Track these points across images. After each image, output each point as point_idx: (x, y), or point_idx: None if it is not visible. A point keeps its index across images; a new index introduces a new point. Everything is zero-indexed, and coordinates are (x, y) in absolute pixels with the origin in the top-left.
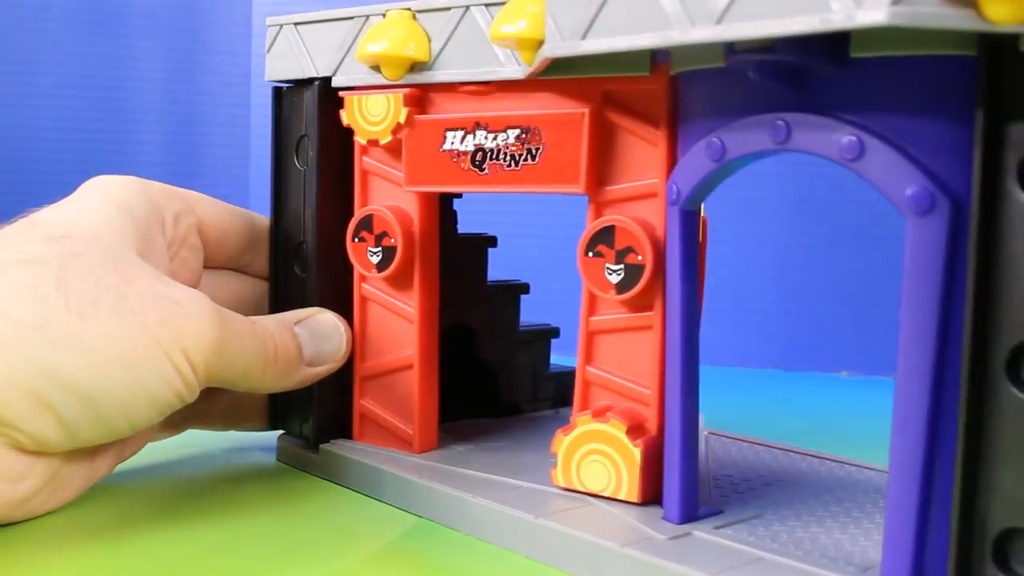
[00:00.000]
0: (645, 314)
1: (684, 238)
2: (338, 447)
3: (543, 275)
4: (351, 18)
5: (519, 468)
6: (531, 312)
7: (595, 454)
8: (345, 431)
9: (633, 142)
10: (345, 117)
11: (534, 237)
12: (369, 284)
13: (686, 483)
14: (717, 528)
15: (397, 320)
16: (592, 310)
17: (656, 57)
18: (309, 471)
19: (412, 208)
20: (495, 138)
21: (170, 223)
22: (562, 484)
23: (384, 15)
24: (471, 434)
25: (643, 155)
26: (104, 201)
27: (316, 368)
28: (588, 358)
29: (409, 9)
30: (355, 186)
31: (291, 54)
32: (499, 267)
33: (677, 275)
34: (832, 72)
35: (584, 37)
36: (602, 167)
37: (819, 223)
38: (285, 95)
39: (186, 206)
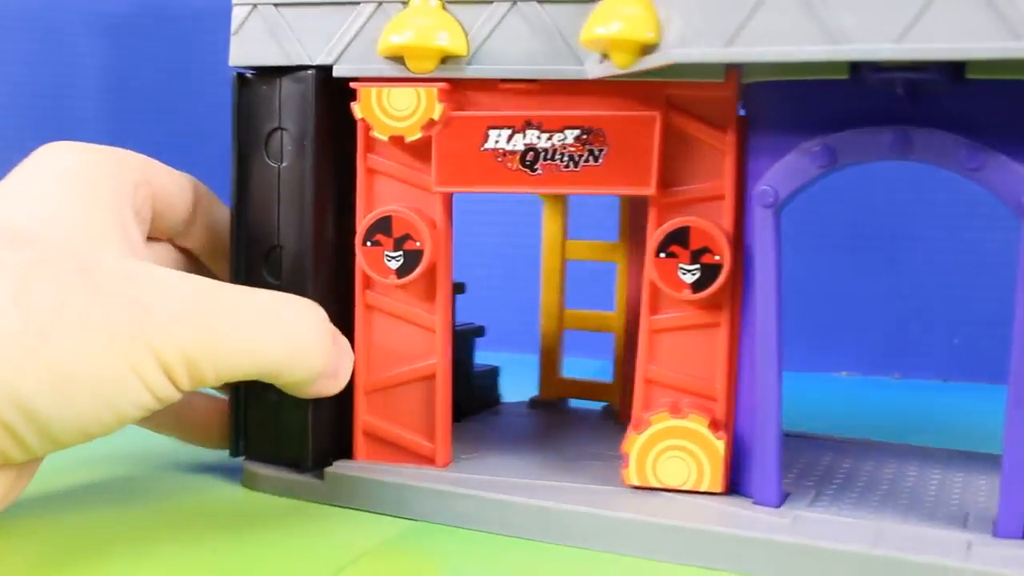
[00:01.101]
0: (711, 312)
1: (777, 239)
2: (347, 469)
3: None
4: (356, 3)
5: (560, 470)
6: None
7: (674, 450)
8: (339, 451)
9: (699, 146)
10: (359, 111)
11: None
12: (377, 292)
13: (779, 469)
14: (810, 506)
15: (409, 329)
16: (654, 309)
17: (730, 65)
18: (307, 498)
19: (433, 209)
20: (550, 138)
21: (132, 192)
22: (636, 482)
23: (405, 3)
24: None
25: (710, 159)
26: (69, 186)
27: (330, 383)
28: (650, 357)
29: None
30: (358, 186)
31: (267, 38)
32: None
33: (773, 275)
34: (945, 90)
35: (731, 44)
36: (665, 169)
37: (819, 224)
38: (252, 83)
39: (143, 176)
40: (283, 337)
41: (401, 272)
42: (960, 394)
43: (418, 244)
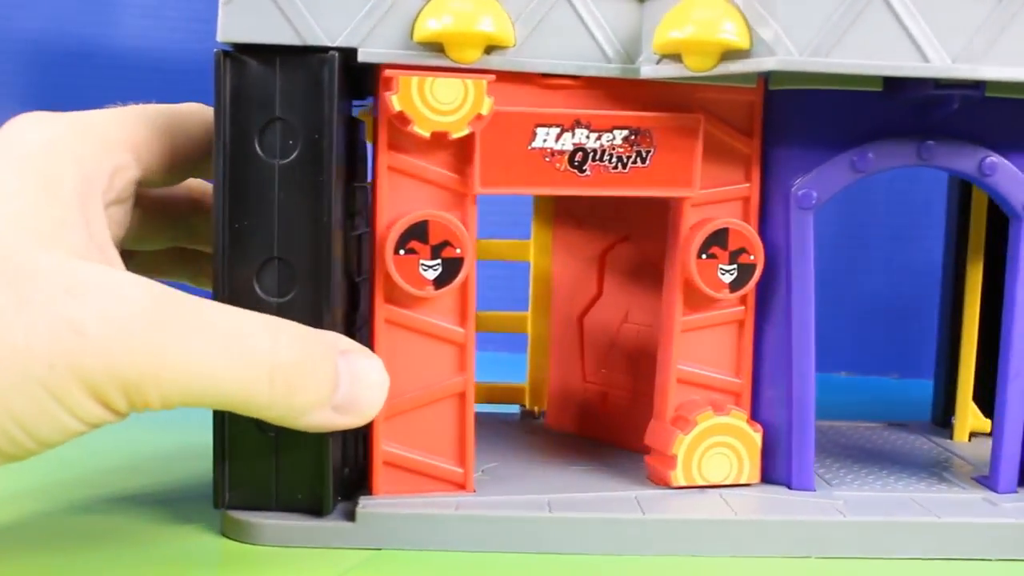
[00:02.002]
0: (737, 309)
1: (812, 240)
2: (378, 507)
3: None
4: None
5: (579, 479)
6: None
7: (718, 447)
8: (352, 488)
9: (726, 148)
10: (398, 102)
11: None
12: (399, 306)
13: (813, 456)
14: (843, 487)
15: (432, 345)
16: (685, 309)
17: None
18: (329, 546)
19: (464, 214)
20: (599, 138)
21: (108, 183)
22: (682, 483)
23: None
24: None
25: (735, 161)
26: (27, 174)
27: (339, 417)
28: (681, 356)
29: None
30: (378, 188)
31: (271, 11)
32: None
33: (810, 274)
34: (960, 105)
35: (828, 55)
36: None
37: (819, 225)
38: (241, 64)
39: (125, 156)
40: (246, 364)
41: (439, 282)
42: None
43: (458, 251)
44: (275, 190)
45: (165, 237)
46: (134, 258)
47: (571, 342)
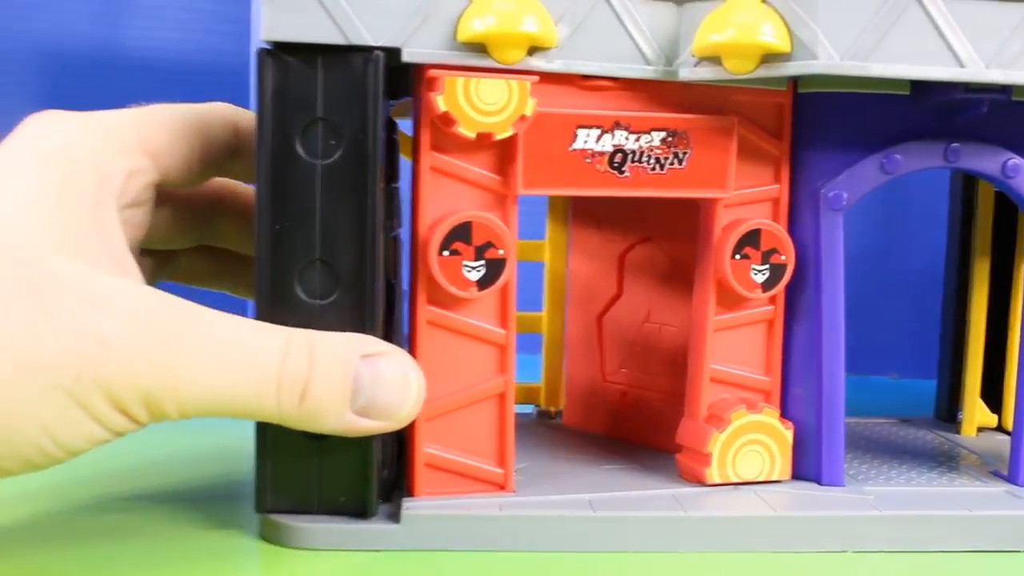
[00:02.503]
0: (768, 309)
1: (841, 241)
2: (423, 509)
3: None
4: None
5: (625, 479)
6: None
7: (752, 444)
8: (388, 489)
9: (756, 150)
10: (443, 103)
11: None
12: (441, 307)
13: (843, 453)
14: (871, 483)
15: (473, 346)
16: (717, 309)
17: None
18: (374, 548)
19: (506, 214)
20: (638, 139)
21: (121, 187)
22: (717, 480)
23: None
24: None
25: (765, 163)
26: (45, 177)
27: (366, 421)
28: (713, 355)
29: None
30: (420, 189)
31: (315, 9)
32: None
33: (840, 273)
34: (985, 109)
35: (866, 59)
36: None
37: None
38: (284, 63)
39: (144, 159)
40: (255, 376)
41: (482, 283)
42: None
43: (501, 252)
44: (317, 191)
45: (191, 236)
46: (172, 267)
47: (590, 342)
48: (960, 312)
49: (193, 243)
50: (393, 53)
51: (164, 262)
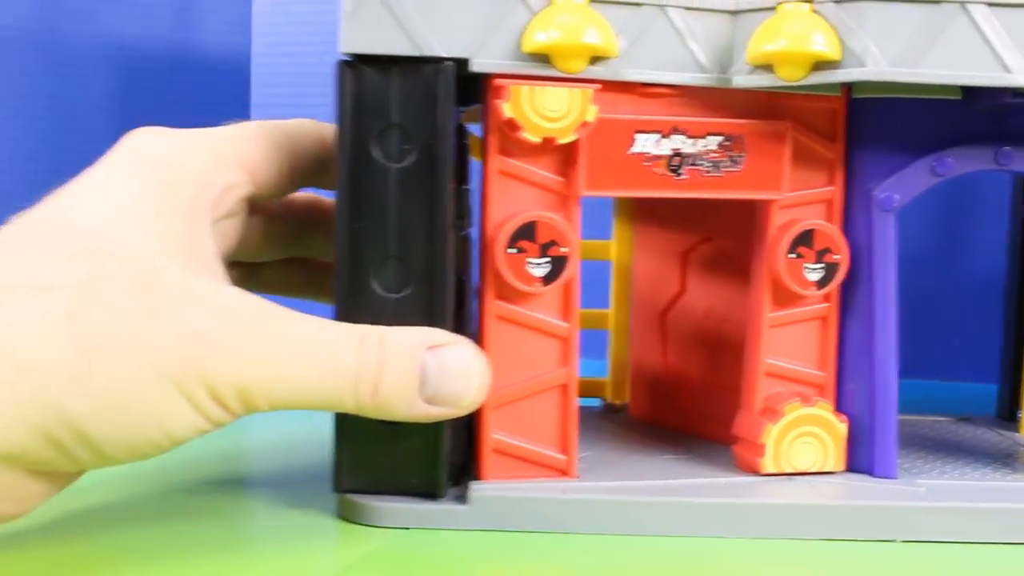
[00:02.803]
0: (822, 306)
1: (894, 240)
2: (489, 491)
3: None
4: None
5: (682, 468)
6: None
7: (806, 436)
8: (457, 474)
9: (811, 153)
10: (509, 110)
11: None
12: (507, 301)
13: (896, 446)
14: (921, 475)
15: (537, 339)
16: (773, 306)
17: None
18: (443, 527)
19: (568, 214)
20: (695, 144)
21: (217, 198)
22: (771, 470)
23: (550, 0)
24: None
25: (819, 166)
26: (146, 186)
27: (435, 408)
28: (769, 350)
29: None
30: (488, 190)
31: (389, 24)
32: None
33: (893, 272)
34: None
35: (914, 66)
36: None
37: None
38: (362, 73)
39: (239, 173)
40: (334, 373)
41: (547, 279)
42: (962, 394)
43: (564, 250)
44: (392, 193)
45: (279, 249)
46: (257, 278)
47: (653, 337)
48: (1021, 312)
49: (281, 255)
50: (462, 63)
51: (250, 273)
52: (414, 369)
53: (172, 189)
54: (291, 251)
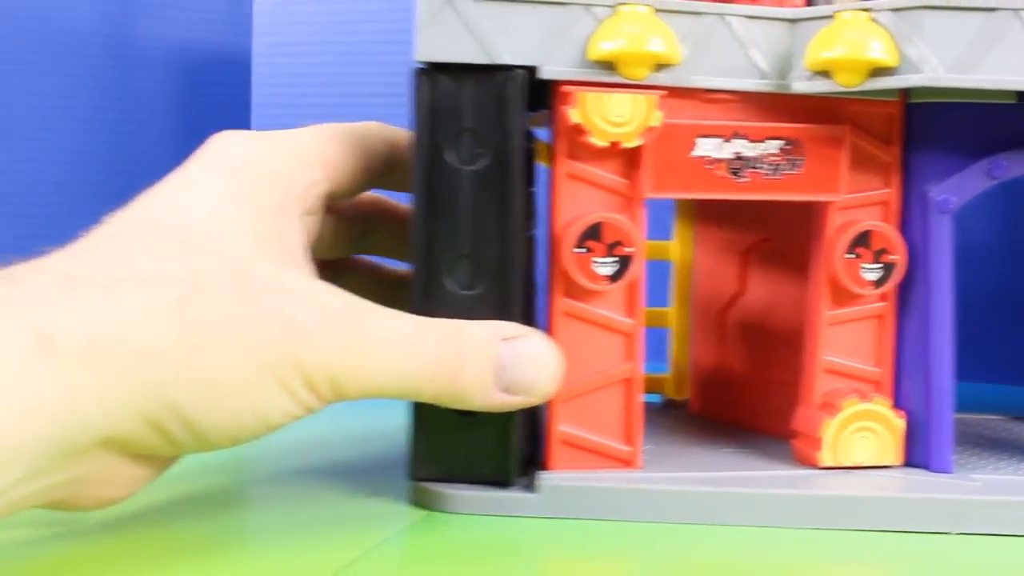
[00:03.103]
0: (879, 305)
1: (950, 241)
2: (557, 480)
3: None
4: (563, 3)
5: (743, 460)
6: None
7: (863, 431)
8: (524, 464)
9: (868, 156)
10: (577, 115)
11: None
12: (574, 299)
13: (952, 441)
14: (976, 470)
15: (603, 334)
16: (832, 304)
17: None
18: (513, 514)
19: (633, 215)
20: (755, 147)
21: (301, 196)
22: (829, 463)
23: (615, 10)
24: None
25: (876, 168)
26: (236, 185)
27: (511, 397)
28: (826, 347)
29: (649, 6)
30: (557, 192)
31: (463, 33)
32: None
33: (949, 272)
34: None
35: (970, 72)
36: None
37: None
38: (438, 80)
39: (321, 171)
40: (417, 362)
41: (613, 277)
42: (962, 395)
43: (629, 249)
44: (465, 195)
45: (348, 246)
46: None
47: (713, 335)
48: None
49: (349, 252)
50: (531, 71)
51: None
52: (491, 359)
53: (259, 190)
54: (358, 248)
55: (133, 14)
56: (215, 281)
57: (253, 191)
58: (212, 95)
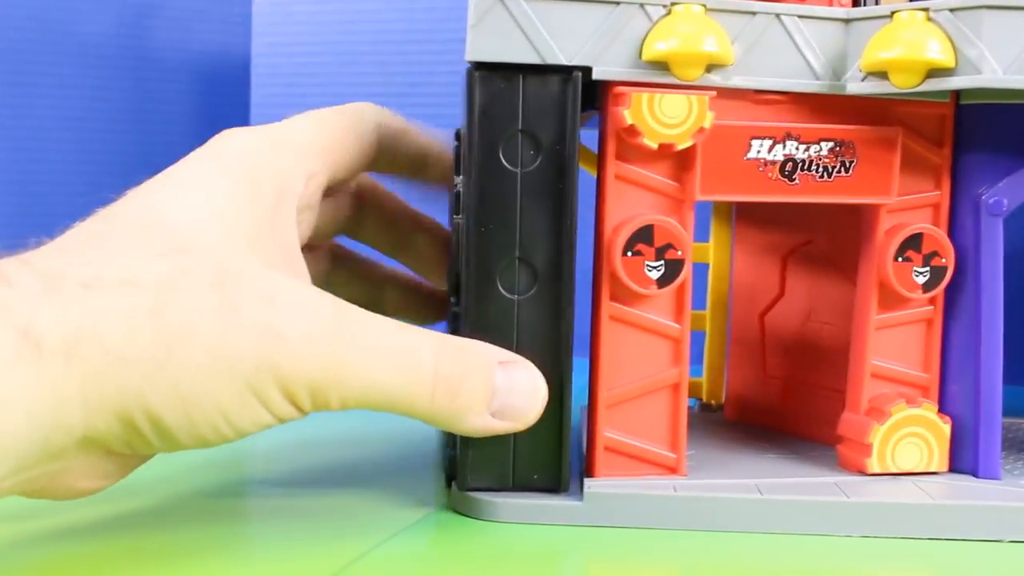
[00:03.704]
0: (927, 309)
1: (1001, 245)
2: (604, 487)
3: None
4: (616, 3)
5: (788, 466)
6: None
7: (911, 436)
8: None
9: (919, 158)
10: (630, 116)
11: None
12: (622, 303)
13: (1000, 447)
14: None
15: (650, 339)
16: (880, 308)
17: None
18: (560, 523)
19: (682, 218)
20: (807, 149)
21: (301, 191)
22: (877, 470)
23: (668, 9)
24: None
25: (927, 170)
26: (230, 181)
27: (498, 423)
28: (873, 351)
29: (703, 5)
30: (606, 195)
31: (514, 33)
32: None
33: (999, 275)
34: None
35: None
36: None
37: None
38: (490, 80)
39: (320, 164)
40: (413, 376)
41: (662, 281)
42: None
43: (679, 253)
44: (518, 196)
45: (336, 229)
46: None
47: (752, 339)
48: None
49: (337, 235)
50: (585, 71)
51: (316, 267)
52: (491, 380)
53: (257, 188)
54: (347, 233)
55: (133, 15)
56: (196, 285)
57: (251, 189)
58: (211, 95)
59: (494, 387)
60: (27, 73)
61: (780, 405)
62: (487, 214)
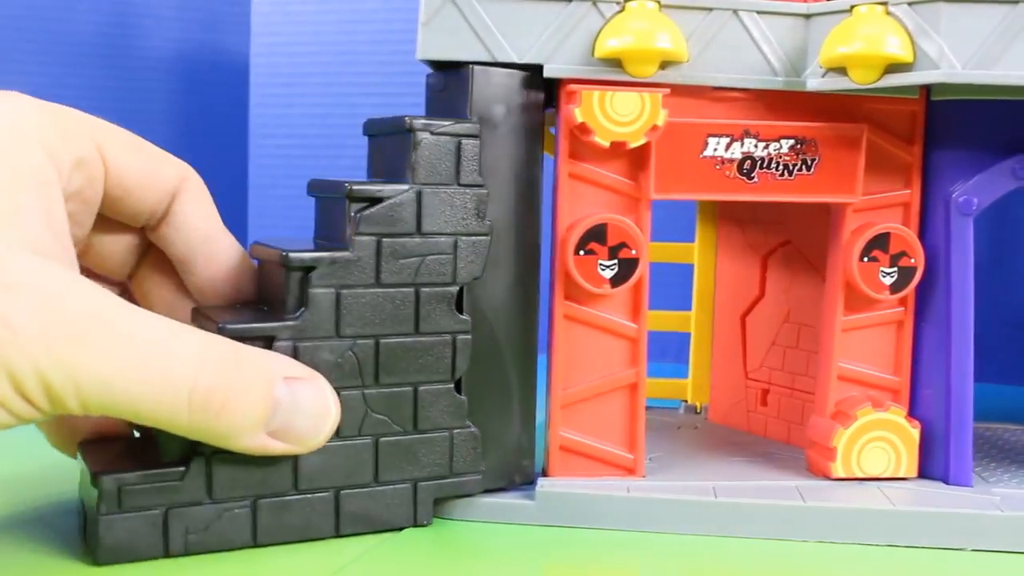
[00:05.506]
0: (897, 310)
1: (972, 245)
2: (557, 487)
3: None
4: (570, 0)
5: (752, 470)
6: None
7: (877, 441)
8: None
9: (888, 156)
10: (581, 114)
11: None
12: (577, 302)
13: (971, 453)
14: (999, 484)
15: (607, 339)
16: (846, 309)
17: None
18: (512, 521)
19: (638, 217)
20: (766, 147)
21: (66, 173)
22: (841, 474)
23: (622, 6)
24: None
25: (896, 169)
26: None
27: (275, 443)
28: (840, 354)
29: (657, 1)
30: (558, 193)
31: (464, 31)
32: None
33: (970, 276)
34: None
35: (990, 68)
36: None
37: None
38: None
39: (93, 151)
40: (165, 385)
41: (615, 281)
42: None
43: (633, 252)
44: None
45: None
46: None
47: (733, 340)
48: None
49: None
50: (537, 69)
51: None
52: (269, 397)
53: (14, 161)
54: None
55: (132, 15)
56: None
57: (11, 161)
58: (210, 95)
59: (274, 404)
60: (24, 73)
61: (761, 407)
62: None
